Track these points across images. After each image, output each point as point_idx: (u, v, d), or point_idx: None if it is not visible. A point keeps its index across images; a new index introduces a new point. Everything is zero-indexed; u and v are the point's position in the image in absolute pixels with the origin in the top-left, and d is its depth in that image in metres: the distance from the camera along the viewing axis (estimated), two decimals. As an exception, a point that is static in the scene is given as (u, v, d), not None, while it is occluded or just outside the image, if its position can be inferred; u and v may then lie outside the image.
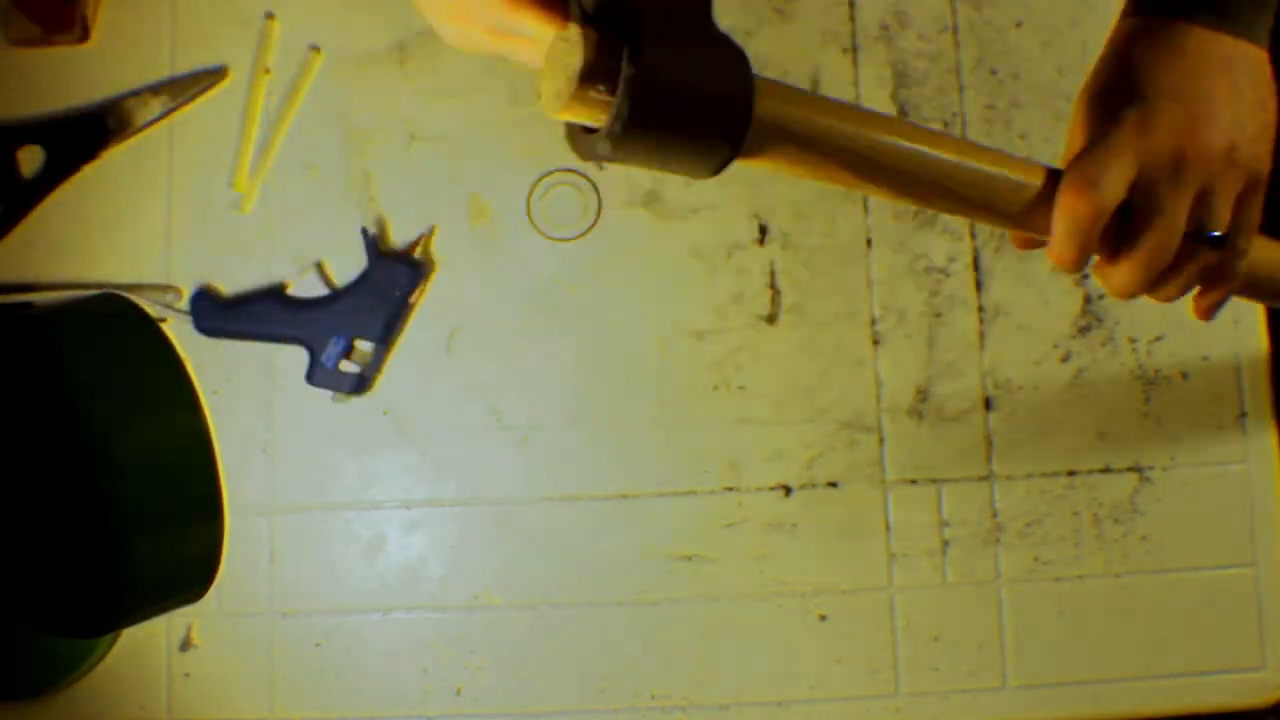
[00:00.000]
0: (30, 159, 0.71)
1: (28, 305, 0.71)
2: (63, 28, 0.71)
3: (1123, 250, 0.49)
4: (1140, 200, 0.48)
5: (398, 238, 0.72)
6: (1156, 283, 0.50)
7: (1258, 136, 0.50)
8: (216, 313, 0.71)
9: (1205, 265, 0.50)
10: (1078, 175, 0.47)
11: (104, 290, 0.70)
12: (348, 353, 0.70)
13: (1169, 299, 0.52)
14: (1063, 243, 0.48)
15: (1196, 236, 0.49)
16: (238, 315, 0.71)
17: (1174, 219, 0.48)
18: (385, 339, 0.70)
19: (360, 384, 0.70)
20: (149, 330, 0.49)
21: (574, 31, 0.42)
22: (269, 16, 0.73)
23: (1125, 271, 0.49)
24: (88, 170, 0.72)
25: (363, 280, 0.71)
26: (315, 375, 0.70)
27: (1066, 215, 0.48)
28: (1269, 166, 0.50)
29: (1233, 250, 0.50)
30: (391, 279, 0.70)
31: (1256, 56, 0.50)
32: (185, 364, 0.49)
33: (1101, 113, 0.50)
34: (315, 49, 0.73)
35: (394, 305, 0.70)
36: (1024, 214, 0.49)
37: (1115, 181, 0.47)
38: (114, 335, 0.48)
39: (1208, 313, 0.53)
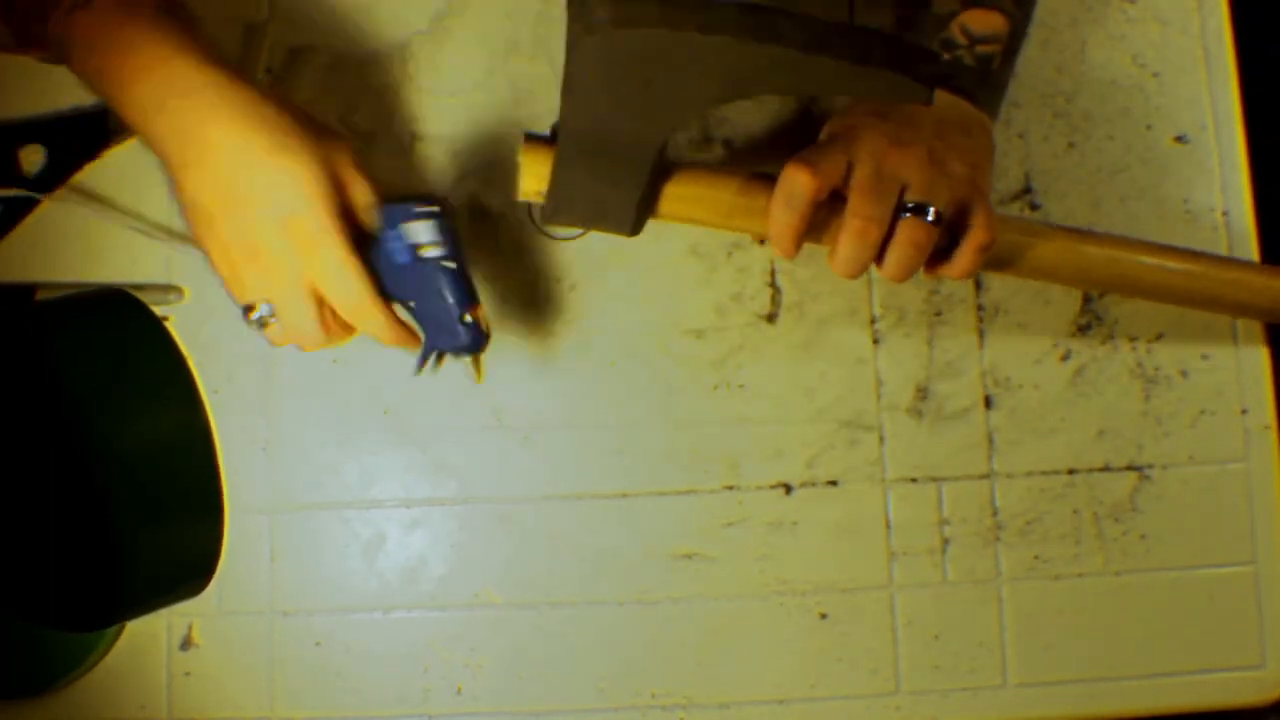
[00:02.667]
0: (32, 158, 0.71)
1: (29, 300, 0.71)
2: (36, 44, 0.66)
3: (842, 228, 0.56)
4: (851, 184, 0.56)
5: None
6: (881, 257, 0.57)
7: (958, 146, 0.58)
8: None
9: (919, 239, 0.56)
10: (798, 158, 0.56)
11: (106, 285, 0.70)
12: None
13: (897, 276, 0.57)
14: (780, 209, 0.56)
15: (915, 210, 0.56)
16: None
17: (878, 193, 0.56)
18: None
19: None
20: (150, 325, 0.49)
21: (522, 154, 0.59)
22: (268, 16, 0.73)
23: (844, 244, 0.56)
24: (89, 169, 0.72)
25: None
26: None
27: (786, 185, 0.56)
28: (967, 171, 0.57)
29: (942, 226, 0.57)
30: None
31: (974, 113, 0.61)
32: (187, 359, 0.49)
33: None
34: (315, 49, 0.73)
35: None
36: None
37: (830, 166, 0.56)
38: (115, 329, 0.48)
39: (961, 275, 0.59)
